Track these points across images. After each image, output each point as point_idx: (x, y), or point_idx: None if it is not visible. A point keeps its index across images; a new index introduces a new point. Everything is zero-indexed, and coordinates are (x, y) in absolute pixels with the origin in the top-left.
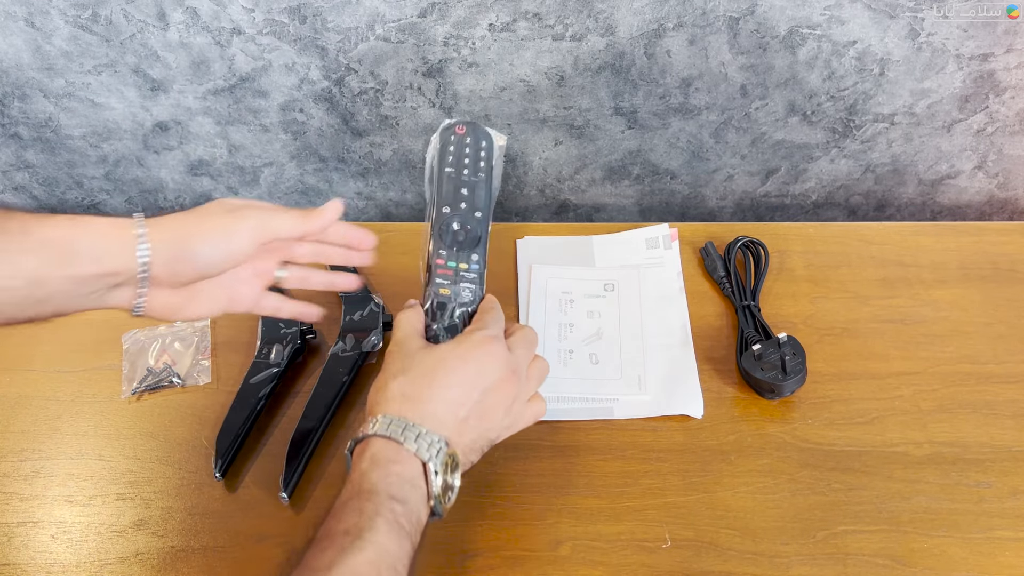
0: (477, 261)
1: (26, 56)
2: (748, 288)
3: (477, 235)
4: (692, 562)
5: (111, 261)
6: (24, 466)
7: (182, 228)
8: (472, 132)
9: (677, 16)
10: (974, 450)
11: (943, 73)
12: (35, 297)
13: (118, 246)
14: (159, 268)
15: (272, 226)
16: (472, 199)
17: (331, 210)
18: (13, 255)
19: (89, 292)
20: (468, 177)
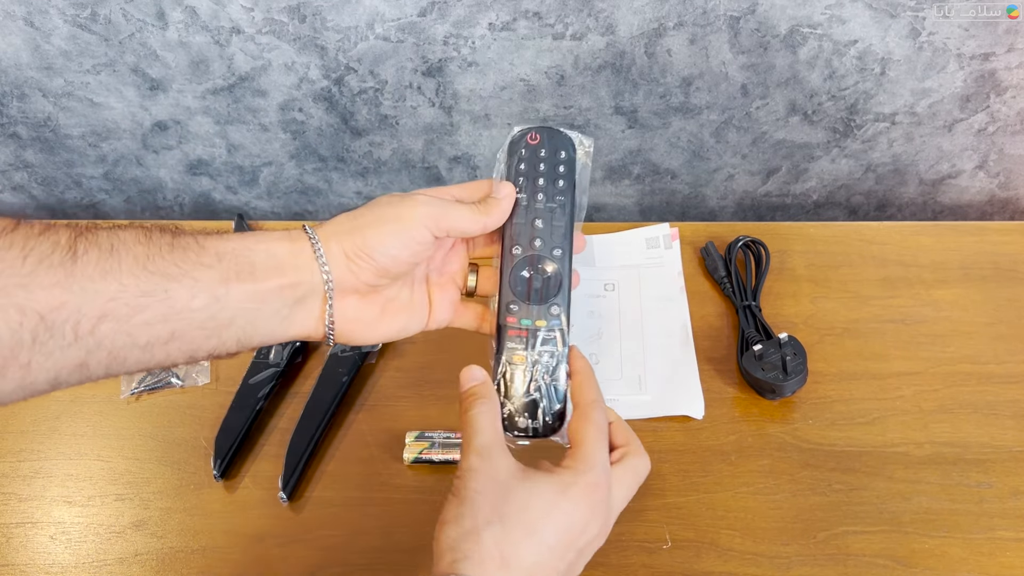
0: (558, 315)
1: (25, 55)
2: (749, 288)
3: (557, 279)
4: (693, 563)
5: (292, 270)
6: (23, 466)
7: (351, 221)
8: (549, 140)
9: (678, 15)
10: (975, 450)
11: (944, 72)
12: (218, 319)
13: (294, 251)
14: (337, 268)
15: (449, 216)
16: (550, 232)
17: (505, 197)
18: (192, 270)
19: (274, 311)
20: (544, 203)
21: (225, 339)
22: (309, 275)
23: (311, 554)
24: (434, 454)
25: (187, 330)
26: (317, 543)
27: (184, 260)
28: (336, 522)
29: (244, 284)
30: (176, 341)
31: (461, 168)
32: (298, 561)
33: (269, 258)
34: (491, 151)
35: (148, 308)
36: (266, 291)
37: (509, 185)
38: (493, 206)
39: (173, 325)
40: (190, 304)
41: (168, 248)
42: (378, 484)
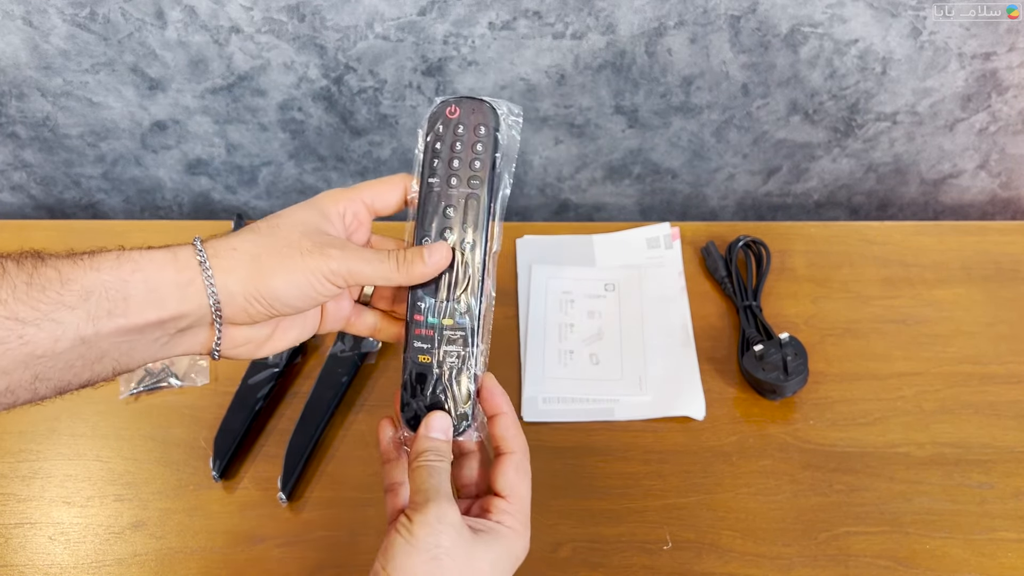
0: (466, 314)
1: (24, 55)
2: (750, 288)
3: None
4: (693, 563)
5: (174, 304)
6: (22, 467)
7: (254, 259)
8: (467, 113)
9: (678, 14)
10: (976, 451)
11: (945, 72)
12: (88, 358)
13: (179, 283)
14: (231, 308)
15: (361, 274)
16: (462, 222)
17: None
18: (52, 312)
19: (152, 340)
20: (456, 188)
21: (98, 371)
22: (196, 308)
23: (311, 554)
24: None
25: (52, 372)
26: (317, 543)
27: (43, 300)
28: (336, 522)
29: (116, 321)
30: (42, 382)
31: None
32: (298, 561)
33: (148, 291)
34: None
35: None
36: (142, 325)
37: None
38: (414, 267)
39: (35, 370)
40: (53, 348)
41: (24, 288)
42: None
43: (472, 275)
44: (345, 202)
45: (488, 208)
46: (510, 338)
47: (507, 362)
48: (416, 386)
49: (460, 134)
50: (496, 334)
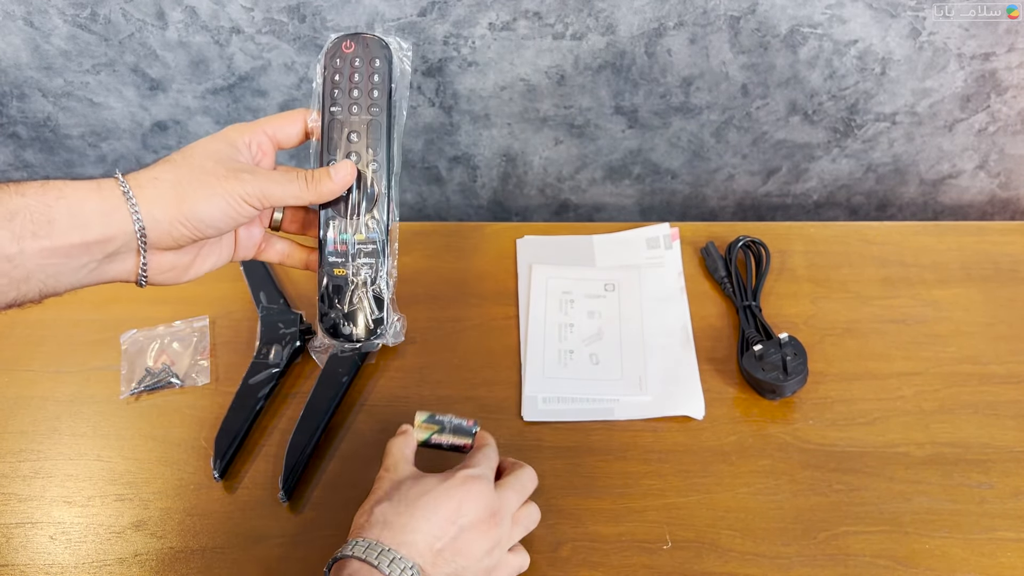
0: (375, 228)
1: (24, 55)
2: (749, 288)
3: (372, 193)
4: (693, 563)
5: (99, 228)
6: (23, 467)
7: (175, 186)
8: (363, 48)
9: (678, 15)
10: (976, 451)
11: (944, 72)
12: (13, 276)
13: (104, 210)
14: (156, 232)
15: (273, 195)
16: (364, 144)
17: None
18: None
19: (79, 265)
20: (358, 115)
21: (25, 291)
22: (121, 233)
23: (311, 554)
24: (443, 439)
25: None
26: (317, 543)
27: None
28: (336, 522)
29: (40, 242)
30: None
31: (461, 168)
32: (298, 561)
33: (71, 215)
34: (491, 151)
35: None
36: (67, 247)
37: (348, 165)
38: (323, 185)
39: None
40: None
41: None
42: None
43: (379, 192)
44: (250, 134)
45: (389, 132)
46: (510, 338)
47: (507, 362)
48: (333, 297)
49: (357, 66)
50: (496, 334)
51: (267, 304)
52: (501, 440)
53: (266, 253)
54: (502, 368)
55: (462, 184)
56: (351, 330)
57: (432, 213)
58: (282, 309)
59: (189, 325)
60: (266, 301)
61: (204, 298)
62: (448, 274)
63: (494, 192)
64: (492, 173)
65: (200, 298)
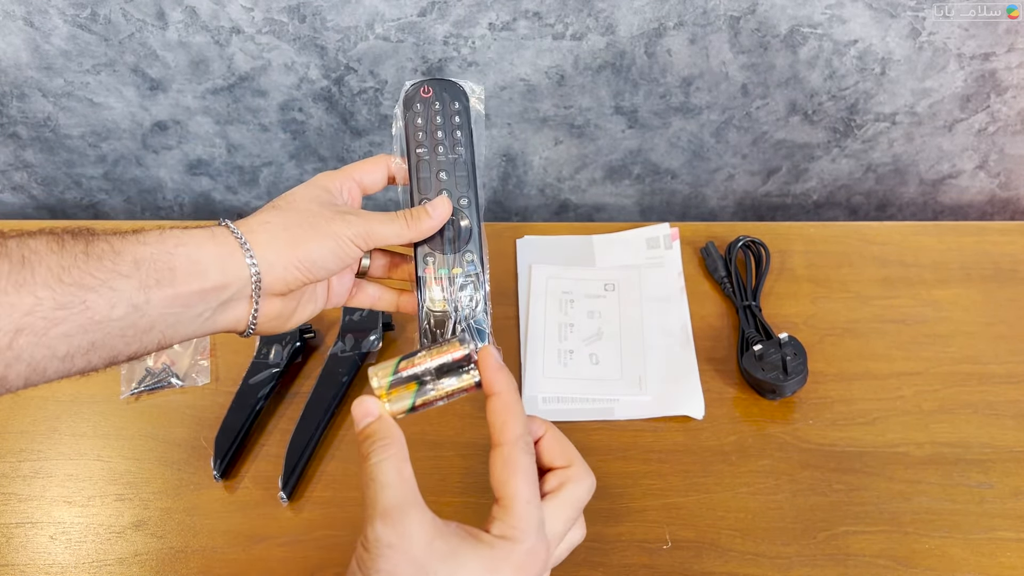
0: (472, 260)
1: (25, 55)
2: (749, 288)
3: (468, 229)
4: (693, 563)
5: (216, 274)
6: (23, 467)
7: (287, 232)
8: (440, 93)
9: (678, 15)
10: (975, 451)
11: (944, 72)
12: (139, 326)
13: (221, 256)
14: (270, 277)
15: (378, 234)
16: (454, 184)
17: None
18: (109, 279)
19: (196, 314)
20: (445, 155)
21: (147, 343)
22: (236, 279)
23: (311, 554)
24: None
25: (107, 339)
26: (317, 543)
27: (100, 269)
28: (336, 522)
29: (164, 290)
30: (97, 350)
31: None
32: (298, 561)
33: (191, 263)
34: (491, 151)
35: (66, 320)
36: (188, 295)
37: (444, 201)
38: (422, 222)
39: (93, 336)
40: (109, 315)
41: (83, 257)
42: None
43: (472, 226)
44: (340, 180)
45: (473, 169)
46: (510, 338)
47: (507, 362)
48: (435, 331)
49: (438, 110)
50: (496, 334)
51: None
52: None
53: (357, 298)
54: None
55: None
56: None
57: None
58: None
59: None
60: None
61: None
62: None
63: (494, 192)
64: (492, 173)
65: None
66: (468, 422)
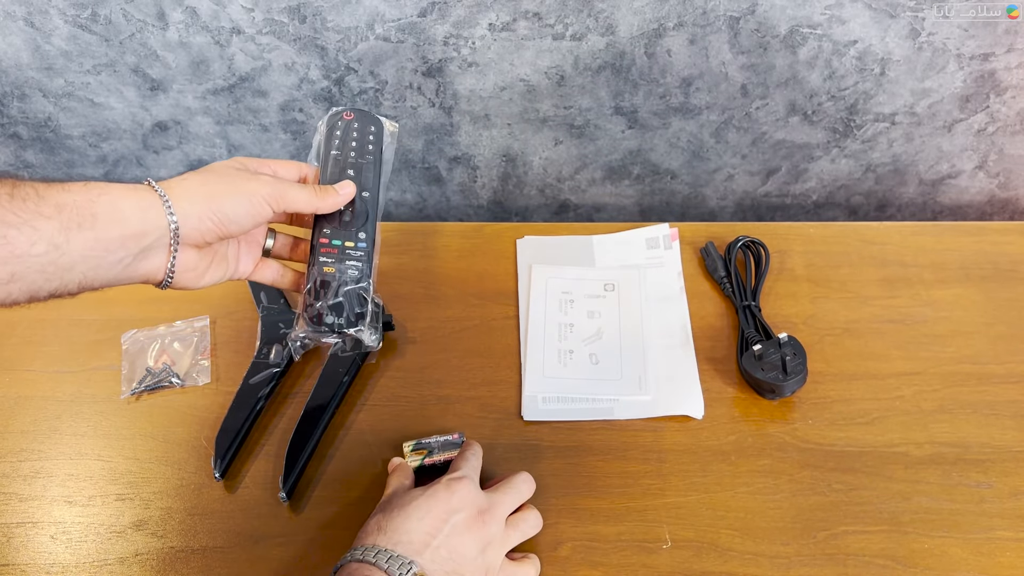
0: (364, 239)
1: (25, 56)
2: (749, 288)
3: (364, 213)
4: (692, 563)
5: (137, 222)
6: (23, 466)
7: (205, 187)
8: (360, 118)
9: (677, 15)
10: (975, 450)
11: (944, 73)
12: (59, 264)
13: (142, 207)
14: (187, 227)
15: (289, 197)
16: (359, 179)
17: (345, 190)
18: (31, 219)
19: (116, 259)
20: (355, 159)
21: (67, 281)
22: (155, 227)
23: (311, 554)
24: (436, 459)
25: (27, 273)
26: (317, 543)
27: (23, 210)
28: (336, 522)
29: (85, 233)
30: (17, 282)
31: (461, 168)
32: (298, 561)
33: (113, 211)
34: (491, 152)
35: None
36: (108, 240)
37: (350, 184)
38: (330, 194)
39: (12, 267)
40: (29, 251)
41: (7, 198)
42: (378, 484)
43: (369, 213)
44: (258, 163)
45: (378, 176)
46: (510, 338)
47: (507, 362)
48: (320, 291)
49: (355, 128)
50: (496, 334)
51: (267, 304)
52: (501, 440)
53: (260, 273)
54: (502, 368)
55: (462, 184)
56: (333, 320)
57: (432, 213)
58: (282, 309)
59: (190, 325)
60: (266, 301)
61: (205, 298)
62: (448, 274)
63: (494, 192)
64: (492, 173)
65: (201, 298)
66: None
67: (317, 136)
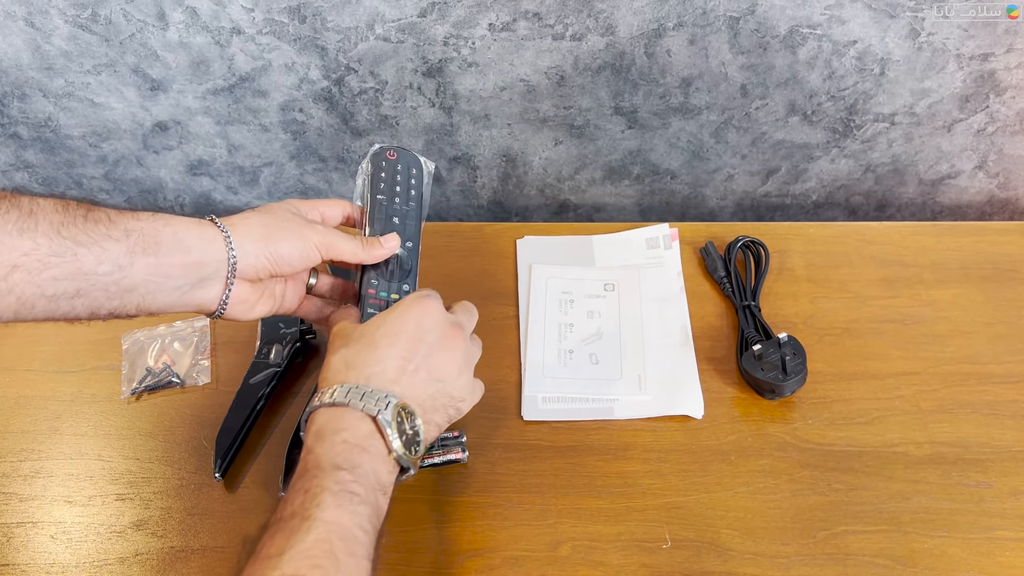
0: (408, 291)
1: (25, 56)
2: (748, 288)
3: (408, 264)
4: (692, 562)
5: (198, 253)
6: (23, 466)
7: (263, 228)
8: (402, 158)
9: (677, 16)
10: (974, 450)
11: (943, 73)
12: (121, 285)
13: (203, 238)
14: (244, 262)
15: (338, 247)
16: (404, 229)
17: (390, 244)
18: (101, 241)
19: (175, 285)
20: (400, 206)
21: (126, 302)
22: (215, 258)
23: None
24: (436, 457)
25: (91, 290)
26: None
27: (95, 231)
28: None
29: (148, 258)
30: (81, 298)
31: (461, 168)
32: None
33: (176, 240)
34: (491, 152)
35: (57, 266)
36: (169, 266)
37: (395, 238)
38: (375, 247)
39: (79, 284)
40: (96, 269)
41: (82, 220)
42: None
43: (412, 266)
44: (308, 206)
45: (419, 223)
46: (510, 338)
47: (507, 362)
48: None
49: (399, 170)
50: (496, 333)
51: None
52: (501, 440)
53: (304, 308)
54: (502, 368)
55: (462, 184)
56: None
57: (432, 213)
58: None
59: (190, 325)
60: None
61: None
62: (448, 274)
63: (494, 192)
64: (492, 173)
65: None
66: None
67: (361, 176)
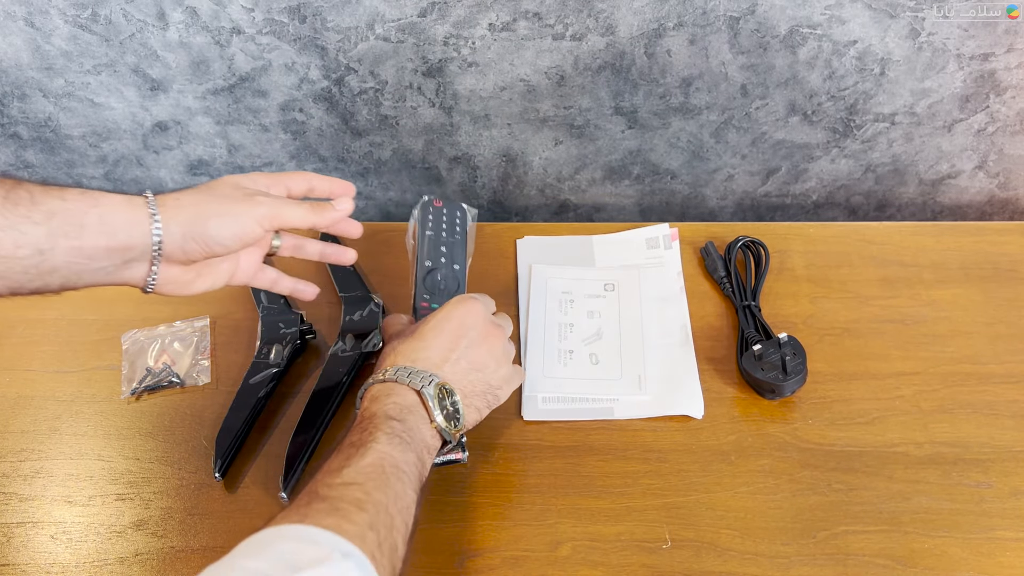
0: None
1: (25, 56)
2: (748, 288)
3: (456, 284)
4: (692, 562)
5: (123, 236)
6: (23, 466)
7: (195, 207)
8: (448, 205)
9: (677, 16)
10: (975, 450)
11: (944, 73)
12: (42, 268)
13: (130, 221)
14: (171, 246)
15: (283, 216)
16: (451, 255)
17: (342, 207)
18: (20, 224)
19: (99, 267)
20: (447, 238)
21: (49, 282)
22: (140, 242)
23: None
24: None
25: (10, 272)
26: None
27: (14, 213)
28: None
29: (71, 242)
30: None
31: (461, 168)
32: None
33: (101, 223)
34: (491, 152)
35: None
36: (92, 249)
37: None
38: (327, 211)
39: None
40: (15, 252)
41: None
42: None
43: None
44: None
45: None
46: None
47: None
48: None
49: (445, 213)
50: None
51: (267, 304)
52: (501, 440)
53: (259, 279)
54: None
55: (462, 184)
56: None
57: None
58: (282, 309)
59: (190, 325)
60: (266, 301)
61: (205, 298)
62: None
63: (494, 192)
64: (492, 173)
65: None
66: None
67: (412, 220)
